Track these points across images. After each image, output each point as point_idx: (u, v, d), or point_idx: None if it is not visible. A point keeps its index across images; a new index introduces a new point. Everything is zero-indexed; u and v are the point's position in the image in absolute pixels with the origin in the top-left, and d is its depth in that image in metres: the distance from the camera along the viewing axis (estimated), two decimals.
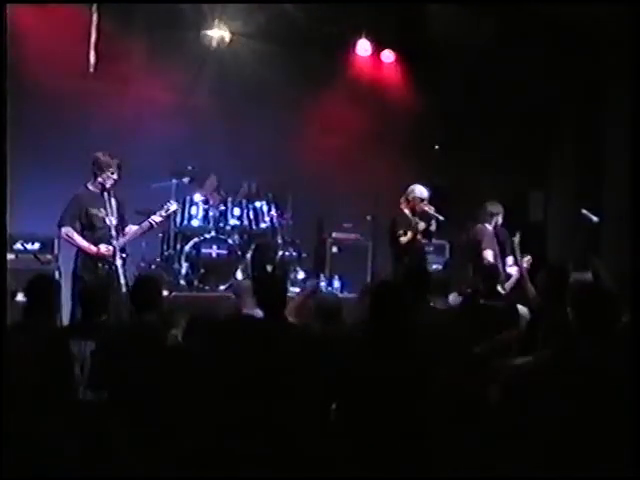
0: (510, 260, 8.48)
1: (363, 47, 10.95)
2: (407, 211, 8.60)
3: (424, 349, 4.20)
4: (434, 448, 3.97)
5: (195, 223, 9.12)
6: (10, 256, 7.72)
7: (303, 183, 10.01)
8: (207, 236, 9.07)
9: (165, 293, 7.83)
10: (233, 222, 9.39)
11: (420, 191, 8.65)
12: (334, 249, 10.27)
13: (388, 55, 11.26)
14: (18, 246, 8.03)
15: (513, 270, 8.30)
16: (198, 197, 9.25)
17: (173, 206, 7.49)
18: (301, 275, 9.57)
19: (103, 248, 6.90)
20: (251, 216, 9.54)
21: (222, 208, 9.36)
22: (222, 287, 8.85)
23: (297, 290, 9.28)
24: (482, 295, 6.31)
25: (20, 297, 6.56)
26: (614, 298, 3.85)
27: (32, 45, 8.86)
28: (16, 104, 7.48)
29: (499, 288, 7.34)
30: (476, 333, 5.15)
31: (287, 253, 9.57)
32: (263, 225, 9.57)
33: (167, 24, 9.50)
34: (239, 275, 9.04)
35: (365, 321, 4.40)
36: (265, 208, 9.60)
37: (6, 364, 4.09)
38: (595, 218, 8.67)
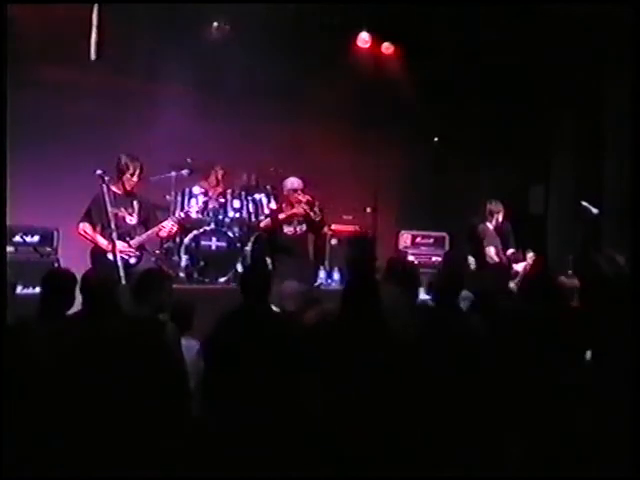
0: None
1: (363, 39, 10.93)
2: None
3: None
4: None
5: (194, 215, 9.09)
6: (9, 248, 7.69)
7: (302, 175, 9.99)
8: (206, 228, 9.05)
9: None
10: (232, 214, 9.38)
11: (291, 182, 8.71)
12: (333, 241, 10.26)
13: (388, 47, 11.24)
14: (17, 239, 7.99)
15: (519, 267, 8.40)
16: (197, 189, 9.24)
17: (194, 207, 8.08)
18: None
19: (120, 245, 6.92)
20: (250, 208, 9.53)
21: (221, 200, 9.35)
22: (222, 279, 8.84)
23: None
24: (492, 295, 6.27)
25: (20, 289, 6.59)
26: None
27: (33, 36, 8.84)
28: (16, 95, 7.45)
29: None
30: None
31: None
32: (263, 217, 9.55)
33: (168, 17, 9.46)
34: (239, 268, 9.03)
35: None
36: (265, 200, 9.59)
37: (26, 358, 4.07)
38: (595, 210, 8.70)
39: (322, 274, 9.82)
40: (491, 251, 8.43)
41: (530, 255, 8.37)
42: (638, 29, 8.43)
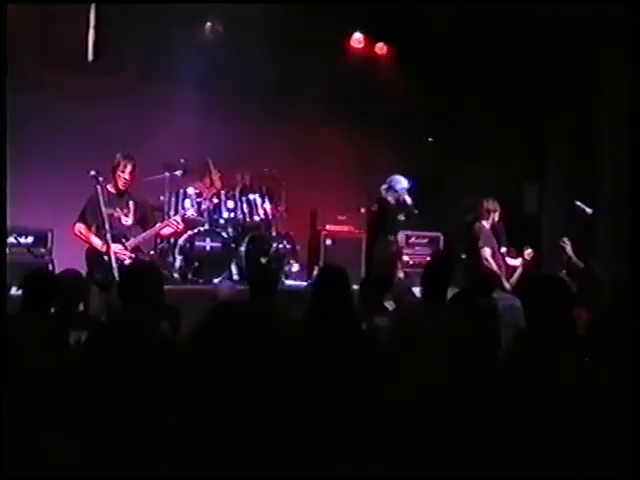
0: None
1: (357, 40, 10.95)
2: (392, 200, 8.72)
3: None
4: None
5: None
6: None
7: (297, 175, 10.00)
8: (201, 229, 9.05)
9: None
10: (227, 215, 9.39)
11: (405, 182, 8.79)
12: (328, 241, 10.26)
13: (381, 47, 11.26)
14: (12, 240, 7.98)
15: (516, 262, 8.40)
16: (191, 190, 9.24)
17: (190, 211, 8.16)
18: (295, 267, 9.56)
19: (115, 247, 6.87)
20: (245, 209, 9.53)
21: (215, 201, 9.35)
22: (216, 280, 8.83)
23: (291, 282, 9.34)
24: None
25: (14, 290, 6.56)
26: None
27: (31, 37, 8.84)
28: (13, 96, 7.44)
29: (505, 284, 7.58)
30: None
31: (281, 245, 9.55)
32: (257, 218, 9.56)
33: (164, 17, 9.46)
34: (233, 268, 9.04)
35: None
36: (259, 201, 9.60)
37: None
38: (589, 210, 8.71)
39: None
40: (486, 252, 8.34)
41: (528, 252, 8.35)
42: (638, 29, 8.45)
